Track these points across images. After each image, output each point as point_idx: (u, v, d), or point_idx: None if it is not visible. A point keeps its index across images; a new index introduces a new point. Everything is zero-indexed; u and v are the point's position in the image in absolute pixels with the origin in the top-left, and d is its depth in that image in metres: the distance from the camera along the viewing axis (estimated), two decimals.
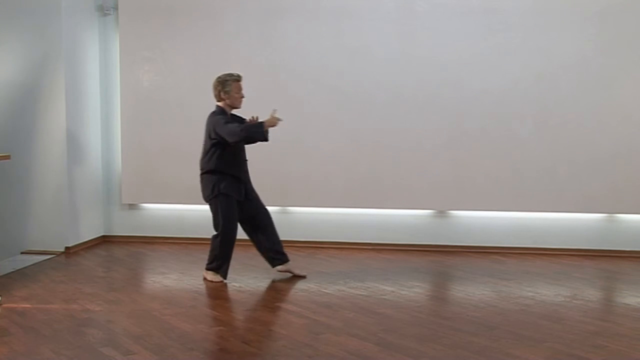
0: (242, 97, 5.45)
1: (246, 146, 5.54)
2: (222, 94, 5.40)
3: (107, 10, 7.18)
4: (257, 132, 5.24)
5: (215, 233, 5.51)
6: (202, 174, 5.48)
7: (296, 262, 6.02)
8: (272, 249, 5.65)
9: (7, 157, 5.44)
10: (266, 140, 5.35)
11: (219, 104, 5.45)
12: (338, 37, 6.83)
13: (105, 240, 7.36)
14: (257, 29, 6.94)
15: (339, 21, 6.83)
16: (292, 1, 6.90)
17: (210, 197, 5.45)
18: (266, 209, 5.64)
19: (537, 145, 6.62)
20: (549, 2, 6.54)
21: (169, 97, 7.10)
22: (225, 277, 5.55)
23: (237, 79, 5.43)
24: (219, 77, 5.43)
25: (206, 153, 5.43)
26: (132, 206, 7.38)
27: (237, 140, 5.26)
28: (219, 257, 5.51)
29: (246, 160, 5.54)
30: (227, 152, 5.37)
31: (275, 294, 5.33)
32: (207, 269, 5.60)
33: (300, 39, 6.90)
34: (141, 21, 7.10)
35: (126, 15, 7.11)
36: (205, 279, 5.60)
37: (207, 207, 5.54)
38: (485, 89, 6.65)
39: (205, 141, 5.45)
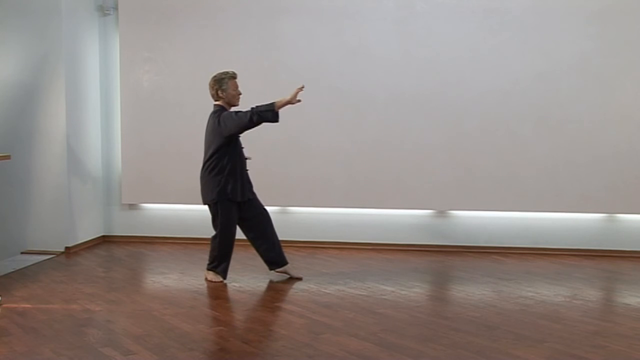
0: (240, 94, 5.45)
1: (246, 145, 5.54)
2: (219, 92, 5.39)
3: (107, 10, 7.18)
4: (267, 112, 5.16)
5: (214, 233, 5.51)
6: (205, 176, 5.40)
7: (296, 262, 6.02)
8: (269, 253, 5.61)
9: (7, 157, 5.44)
10: (276, 120, 5.22)
11: (217, 102, 5.44)
12: (338, 37, 6.83)
13: (105, 240, 7.35)
14: (257, 29, 6.94)
15: (339, 21, 6.82)
16: (292, 1, 6.89)
17: (212, 201, 5.41)
18: (265, 210, 5.60)
19: (537, 145, 6.62)
20: (549, 2, 6.54)
21: (169, 97, 7.10)
22: (225, 277, 5.55)
23: (232, 76, 5.42)
24: (215, 76, 5.42)
25: (213, 154, 5.33)
26: (132, 206, 7.37)
27: (250, 124, 5.17)
28: (219, 257, 5.51)
29: (247, 158, 5.53)
30: (232, 152, 5.32)
31: (275, 294, 5.33)
32: (208, 269, 5.61)
33: (300, 39, 6.89)
34: (141, 21, 7.10)
35: (126, 15, 7.11)
36: (206, 279, 5.61)
37: (207, 207, 5.51)
38: (485, 89, 6.65)
39: (209, 142, 5.37)
